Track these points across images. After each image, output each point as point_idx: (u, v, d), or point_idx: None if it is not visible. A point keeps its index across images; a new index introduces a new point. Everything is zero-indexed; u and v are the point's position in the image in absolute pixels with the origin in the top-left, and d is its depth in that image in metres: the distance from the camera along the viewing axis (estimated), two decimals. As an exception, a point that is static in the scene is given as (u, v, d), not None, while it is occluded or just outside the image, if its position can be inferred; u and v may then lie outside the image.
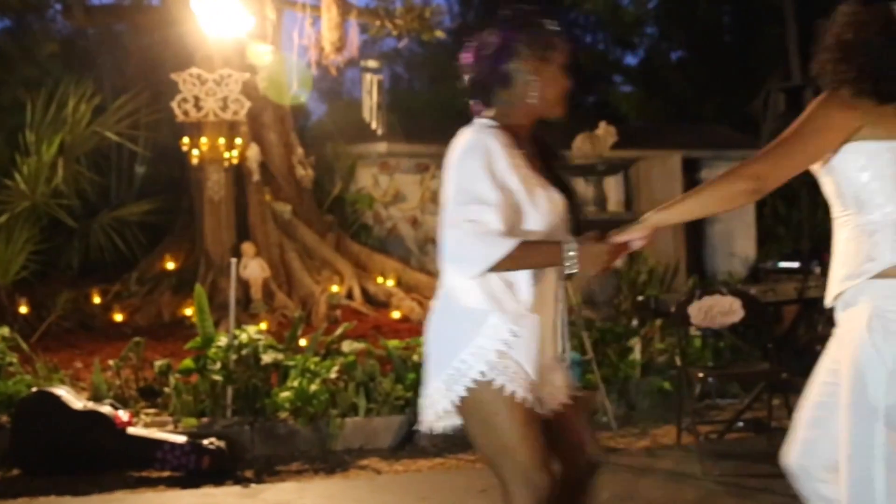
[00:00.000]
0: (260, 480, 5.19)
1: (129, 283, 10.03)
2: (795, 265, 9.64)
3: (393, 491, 5.11)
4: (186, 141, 9.58)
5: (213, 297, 8.47)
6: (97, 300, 9.68)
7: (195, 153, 9.57)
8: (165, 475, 5.22)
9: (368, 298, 9.89)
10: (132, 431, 5.39)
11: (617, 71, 21.89)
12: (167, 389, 6.10)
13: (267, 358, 6.03)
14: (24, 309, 8.81)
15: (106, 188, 11.76)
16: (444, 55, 20.04)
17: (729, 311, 5.44)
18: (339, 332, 6.89)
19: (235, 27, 9.00)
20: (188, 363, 6.08)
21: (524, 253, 2.56)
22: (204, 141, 9.52)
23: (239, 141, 9.75)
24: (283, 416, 5.76)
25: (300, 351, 6.53)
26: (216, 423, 5.70)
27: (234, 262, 6.42)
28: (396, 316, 9.36)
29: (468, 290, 2.66)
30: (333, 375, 6.01)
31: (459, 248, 2.59)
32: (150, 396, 6.25)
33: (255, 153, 9.96)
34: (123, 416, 5.42)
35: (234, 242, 9.82)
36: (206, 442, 5.28)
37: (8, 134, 10.27)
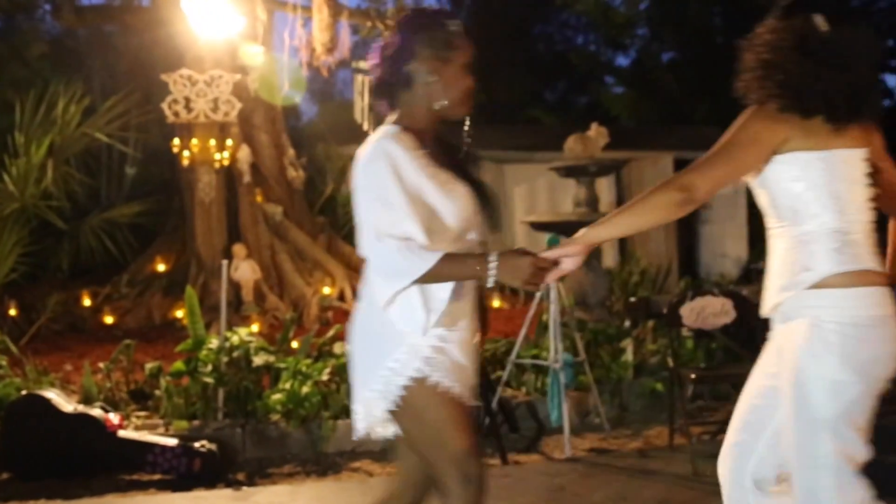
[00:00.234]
0: (252, 483, 5.16)
1: (119, 285, 10.01)
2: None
3: (382, 492, 5.09)
4: (177, 142, 9.56)
5: (203, 299, 8.45)
6: (87, 302, 9.65)
7: (186, 154, 9.54)
8: (156, 478, 5.19)
9: (360, 300, 9.87)
10: (123, 434, 5.35)
11: (608, 72, 21.92)
12: (158, 392, 6.08)
13: (258, 360, 6.01)
14: (13, 311, 8.79)
15: (96, 190, 11.74)
16: (435, 56, 20.05)
17: (721, 312, 5.44)
18: (330, 333, 6.87)
19: (226, 28, 8.97)
20: (179, 365, 6.05)
21: (449, 266, 2.61)
22: (195, 142, 9.50)
23: (230, 142, 9.73)
24: (274, 418, 5.73)
25: (292, 353, 6.51)
26: (207, 425, 5.67)
27: (225, 263, 6.40)
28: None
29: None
30: (325, 377, 5.99)
31: (386, 262, 2.61)
32: (140, 399, 6.22)
33: (246, 154, 9.94)
34: (114, 418, 5.39)
35: (225, 244, 9.80)
36: (197, 445, 5.25)
37: (-3, 135, 10.23)
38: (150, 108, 10.49)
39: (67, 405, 5.41)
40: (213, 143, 9.55)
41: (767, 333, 2.73)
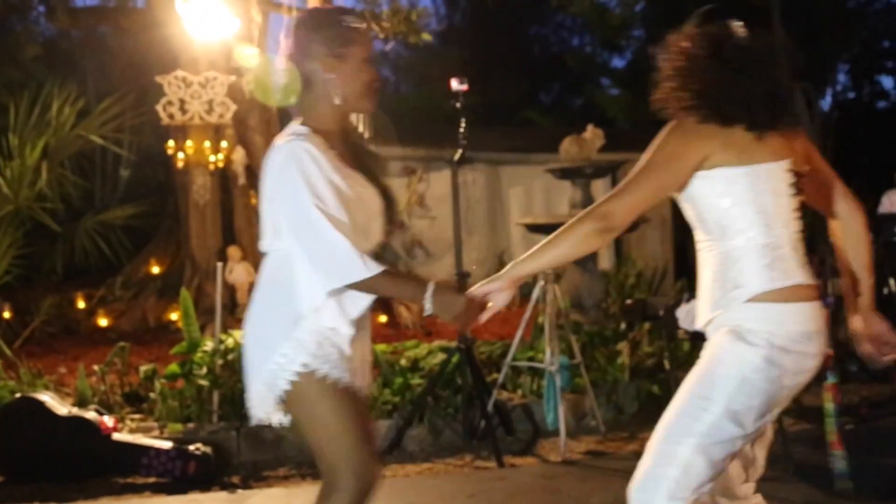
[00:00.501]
0: (247, 486, 5.15)
1: (113, 287, 9.98)
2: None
3: (381, 496, 5.04)
4: (171, 144, 9.53)
5: (198, 301, 8.43)
6: (81, 305, 9.63)
7: (180, 156, 9.52)
8: (151, 481, 5.17)
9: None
10: (117, 437, 5.33)
11: (604, 74, 21.95)
12: (153, 395, 6.06)
13: (253, 362, 5.99)
14: (7, 314, 8.76)
15: (90, 192, 11.70)
16: (430, 58, 20.06)
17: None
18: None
19: (221, 30, 8.95)
20: (174, 368, 6.03)
21: (390, 282, 2.65)
22: (189, 144, 9.48)
23: (224, 144, 9.71)
24: (269, 421, 5.71)
25: (287, 355, 6.49)
26: (202, 428, 5.65)
27: (219, 266, 6.38)
28: (383, 320, 9.32)
29: (289, 286, 2.69)
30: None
31: (329, 259, 2.61)
32: (135, 402, 6.20)
33: (240, 156, 9.91)
34: (108, 421, 5.38)
35: (219, 246, 9.77)
36: (192, 447, 5.23)
37: (-9, 137, 10.20)
38: (144, 109, 10.45)
39: (62, 408, 5.39)
40: (207, 145, 9.52)
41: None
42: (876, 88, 25.91)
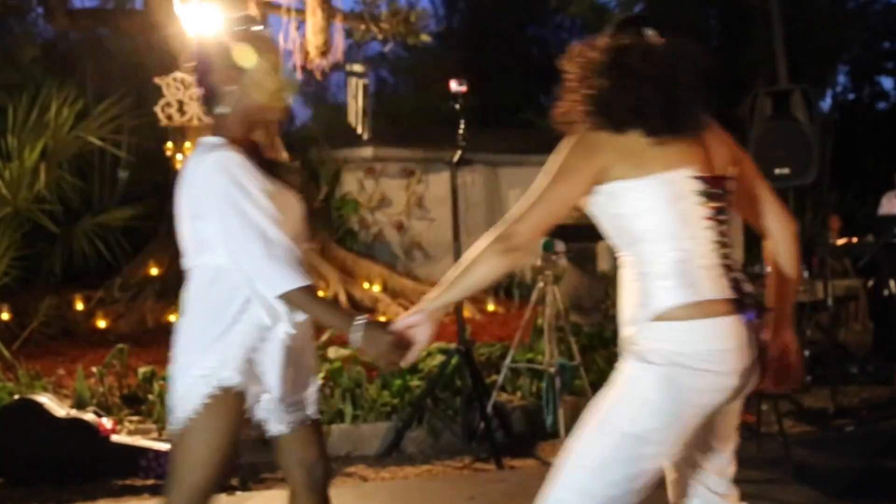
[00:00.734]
0: (246, 488, 5.13)
1: (112, 289, 9.96)
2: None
3: (380, 498, 5.08)
4: (170, 145, 9.52)
5: (197, 302, 8.39)
6: (80, 306, 9.61)
7: (179, 158, 9.51)
8: (150, 483, 5.15)
9: (354, 304, 9.85)
10: (116, 439, 5.33)
11: (603, 75, 21.91)
12: (151, 396, 6.04)
13: (252, 364, 5.99)
14: (5, 316, 8.74)
15: (89, 193, 11.69)
16: (429, 59, 20.07)
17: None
18: (324, 338, 6.85)
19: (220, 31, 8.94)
20: (172, 370, 6.01)
21: (318, 304, 2.65)
22: (188, 145, 9.46)
23: (223, 145, 9.70)
24: (268, 423, 5.70)
25: (286, 357, 6.48)
26: (201, 430, 5.63)
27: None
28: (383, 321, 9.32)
29: (220, 301, 2.68)
30: (319, 382, 5.96)
31: (266, 269, 2.60)
32: (133, 404, 6.19)
33: (239, 158, 9.91)
34: (107, 423, 5.36)
35: (218, 248, 9.76)
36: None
37: (-11, 139, 10.19)
38: (143, 111, 10.43)
39: (60, 410, 5.38)
40: (206, 146, 9.51)
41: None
42: (876, 89, 25.92)
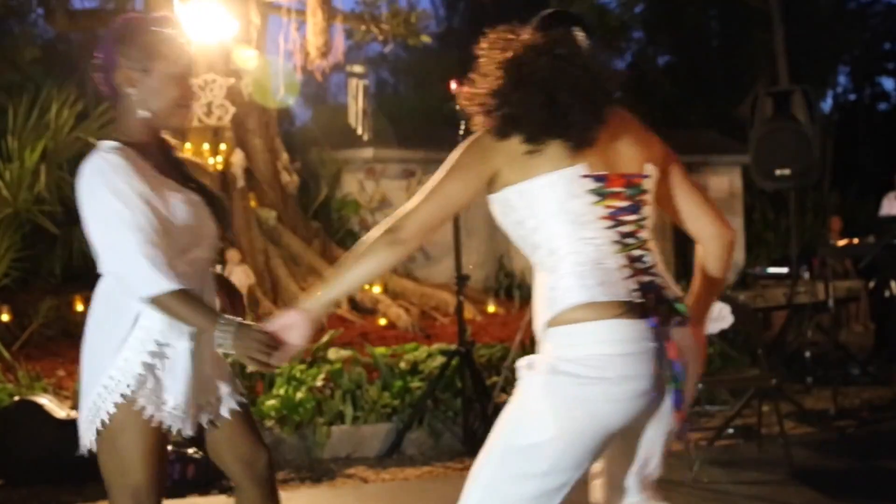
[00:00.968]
0: (245, 490, 5.12)
1: (112, 290, 9.94)
2: (784, 271, 9.61)
3: (380, 499, 5.07)
4: (170, 146, 9.50)
5: (197, 303, 8.39)
6: (80, 308, 9.57)
7: (179, 158, 9.49)
8: (149, 485, 5.15)
9: (355, 305, 9.84)
10: (115, 441, 5.31)
11: (603, 75, 21.91)
12: (151, 398, 6.03)
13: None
14: (5, 317, 8.73)
15: (89, 195, 11.66)
16: (429, 60, 20.06)
17: (718, 317, 5.39)
18: (325, 339, 6.84)
19: (220, 32, 8.94)
20: (172, 371, 6.00)
21: (182, 305, 2.56)
22: (188, 146, 9.45)
23: (223, 146, 9.69)
24: (268, 424, 5.70)
25: (286, 358, 6.47)
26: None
27: (218, 269, 6.36)
28: (383, 323, 9.31)
29: (120, 307, 2.67)
30: (320, 383, 5.96)
31: (127, 273, 2.61)
32: (133, 405, 6.18)
33: (239, 159, 9.90)
34: (106, 425, 5.35)
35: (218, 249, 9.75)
36: (191, 451, 5.21)
37: (-11, 140, 10.19)
38: (143, 112, 10.43)
39: (60, 411, 5.38)
40: (206, 147, 9.51)
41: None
42: (876, 90, 25.95)
